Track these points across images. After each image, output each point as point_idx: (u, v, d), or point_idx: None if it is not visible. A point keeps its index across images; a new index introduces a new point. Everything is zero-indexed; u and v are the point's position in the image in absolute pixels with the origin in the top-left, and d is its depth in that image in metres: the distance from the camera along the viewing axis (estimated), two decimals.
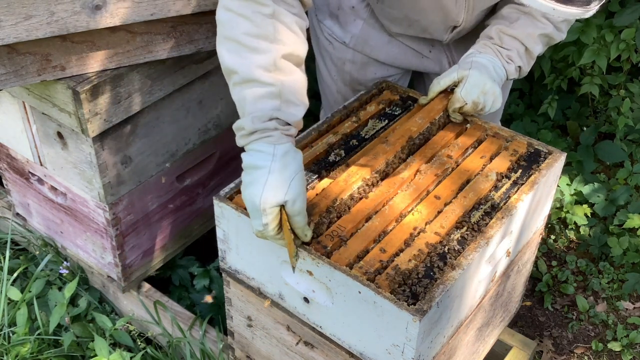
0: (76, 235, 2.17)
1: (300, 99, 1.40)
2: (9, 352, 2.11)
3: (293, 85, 1.38)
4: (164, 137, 2.00)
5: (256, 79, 1.35)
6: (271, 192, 1.32)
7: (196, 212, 2.28)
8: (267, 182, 1.32)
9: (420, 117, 1.74)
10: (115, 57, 1.75)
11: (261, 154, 1.35)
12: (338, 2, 1.93)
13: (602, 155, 3.04)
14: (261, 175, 1.33)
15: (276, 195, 1.32)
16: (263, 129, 1.35)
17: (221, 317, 2.19)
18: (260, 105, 1.36)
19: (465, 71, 1.70)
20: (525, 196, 1.55)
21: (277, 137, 1.35)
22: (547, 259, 2.80)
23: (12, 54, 1.63)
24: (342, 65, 2.03)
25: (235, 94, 1.40)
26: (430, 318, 1.29)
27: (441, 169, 1.61)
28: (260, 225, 1.35)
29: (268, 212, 1.33)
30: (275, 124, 1.35)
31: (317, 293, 1.42)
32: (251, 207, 1.35)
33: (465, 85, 1.69)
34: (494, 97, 1.71)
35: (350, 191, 1.53)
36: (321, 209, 1.47)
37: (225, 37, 1.39)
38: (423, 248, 1.41)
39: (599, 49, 2.76)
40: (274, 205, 1.32)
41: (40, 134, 1.95)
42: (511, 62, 1.74)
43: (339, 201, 1.50)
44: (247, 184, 1.36)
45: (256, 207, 1.33)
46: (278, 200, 1.32)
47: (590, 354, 2.48)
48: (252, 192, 1.34)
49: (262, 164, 1.34)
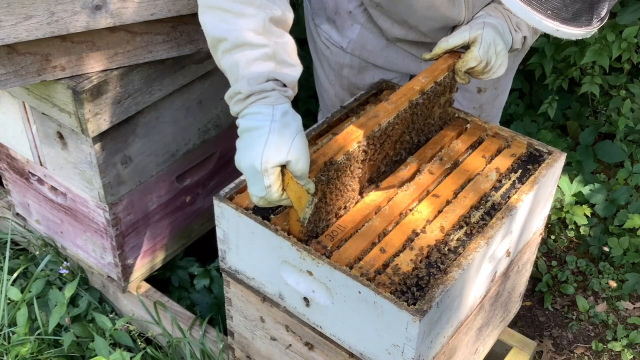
0: (76, 235, 2.17)
1: (295, 59, 1.37)
2: (9, 352, 2.11)
3: (286, 46, 1.35)
4: (164, 137, 2.00)
5: (248, 42, 1.32)
6: (273, 151, 1.27)
7: (196, 212, 2.28)
8: (268, 141, 1.27)
9: (423, 76, 1.65)
10: (115, 57, 1.75)
11: (260, 115, 1.31)
12: (335, 7, 1.93)
13: (601, 155, 3.05)
14: (261, 135, 1.28)
15: (278, 154, 1.27)
16: (260, 91, 1.31)
17: (221, 317, 2.19)
18: (255, 68, 1.32)
19: (478, 30, 1.64)
20: (525, 196, 1.55)
21: (275, 98, 1.32)
22: (547, 259, 2.80)
23: (12, 54, 1.63)
24: (340, 69, 2.03)
25: (225, 61, 1.35)
26: (430, 318, 1.29)
27: (441, 169, 1.61)
28: (262, 190, 1.29)
29: (270, 172, 1.28)
30: (272, 85, 1.32)
31: (317, 293, 1.42)
32: (251, 171, 1.29)
33: (482, 44, 1.63)
34: (502, 61, 1.66)
35: (351, 148, 1.46)
36: (319, 166, 1.39)
37: (207, 6, 1.35)
38: (423, 248, 1.41)
39: (600, 48, 2.77)
40: (276, 165, 1.27)
41: (40, 134, 1.95)
42: (519, 30, 1.70)
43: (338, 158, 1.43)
44: (245, 147, 1.30)
45: (256, 170, 1.28)
46: (280, 160, 1.27)
47: (590, 354, 2.48)
48: (251, 154, 1.28)
49: (261, 124, 1.29)
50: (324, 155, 1.42)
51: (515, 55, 1.99)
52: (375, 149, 1.53)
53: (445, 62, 1.68)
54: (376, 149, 1.53)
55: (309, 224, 1.39)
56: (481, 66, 1.65)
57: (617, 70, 3.03)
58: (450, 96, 1.73)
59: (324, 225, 1.46)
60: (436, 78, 1.65)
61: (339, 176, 1.44)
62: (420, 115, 1.64)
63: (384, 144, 1.55)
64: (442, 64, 1.68)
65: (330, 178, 1.41)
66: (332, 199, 1.45)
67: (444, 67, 1.67)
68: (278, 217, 1.46)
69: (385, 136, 1.55)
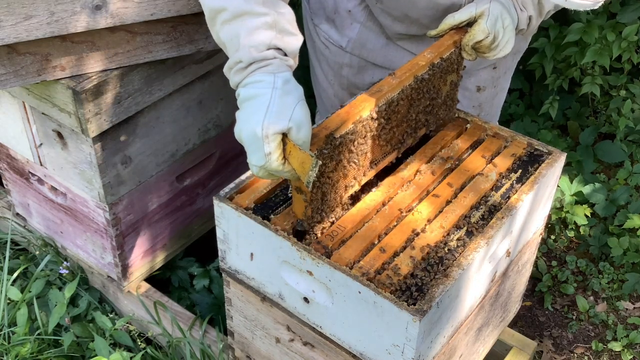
0: (76, 235, 2.17)
1: (296, 29, 1.36)
2: (9, 352, 2.11)
3: (287, 16, 1.34)
4: (164, 137, 2.00)
5: (248, 11, 1.31)
6: (274, 118, 1.25)
7: (196, 212, 2.28)
8: (269, 108, 1.26)
9: (429, 52, 1.61)
10: (115, 57, 1.75)
11: (261, 83, 1.30)
12: (334, 6, 1.92)
13: (601, 155, 3.05)
14: (262, 103, 1.27)
15: (280, 120, 1.25)
16: (262, 59, 1.30)
17: (221, 317, 2.19)
18: (257, 36, 1.31)
19: (485, 5, 1.62)
20: (525, 196, 1.55)
21: (276, 66, 1.31)
22: (547, 259, 2.80)
23: (12, 54, 1.63)
24: (339, 69, 2.03)
25: (225, 32, 1.34)
26: (430, 318, 1.29)
27: (441, 169, 1.61)
28: (262, 158, 1.27)
29: (271, 139, 1.25)
30: (273, 53, 1.31)
31: (317, 293, 1.42)
32: (251, 138, 1.27)
33: (489, 17, 1.61)
34: (509, 37, 1.64)
35: (354, 123, 1.42)
36: (321, 139, 1.36)
37: None
38: (423, 248, 1.41)
39: (601, 48, 2.77)
40: (278, 132, 1.26)
41: (40, 134, 1.95)
42: (524, 9, 1.68)
43: (341, 132, 1.40)
44: (246, 116, 1.29)
45: (257, 137, 1.26)
46: (282, 126, 1.25)
47: (590, 354, 2.48)
48: (252, 122, 1.26)
49: (262, 92, 1.28)
50: (325, 128, 1.39)
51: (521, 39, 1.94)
52: (380, 124, 1.49)
53: (451, 37, 1.65)
54: (381, 125, 1.49)
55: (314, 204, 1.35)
56: (489, 40, 1.63)
57: (618, 70, 3.03)
58: (457, 76, 1.70)
59: (327, 207, 1.44)
60: (442, 54, 1.62)
61: (342, 151, 1.41)
62: (426, 92, 1.60)
63: (390, 120, 1.51)
64: (448, 39, 1.65)
65: (332, 153, 1.37)
66: (334, 178, 1.42)
67: (449, 43, 1.64)
68: (278, 217, 1.46)
69: (391, 111, 1.51)
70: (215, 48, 1.88)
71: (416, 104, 1.60)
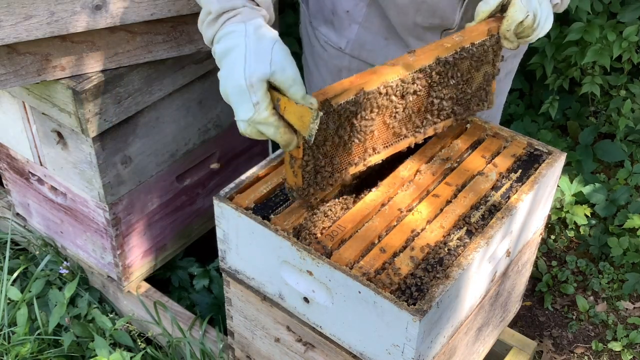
0: (76, 235, 2.17)
1: None
2: (9, 352, 2.11)
3: None
4: (164, 137, 2.00)
5: None
6: (254, 65, 1.23)
7: (196, 212, 2.28)
8: (247, 57, 1.24)
9: (458, 35, 1.50)
10: (115, 57, 1.75)
11: (233, 34, 1.28)
12: (332, 8, 1.91)
13: (601, 154, 3.05)
14: (239, 54, 1.25)
15: (261, 65, 1.23)
16: (230, 8, 1.30)
17: (221, 317, 2.19)
18: None
19: None
20: (525, 196, 1.55)
21: (246, 14, 1.30)
22: (547, 259, 2.80)
23: (12, 54, 1.63)
24: (338, 73, 2.02)
25: None
26: (430, 318, 1.29)
27: (441, 168, 1.61)
28: (250, 109, 1.24)
29: (257, 87, 1.23)
30: (243, 2, 1.31)
31: (317, 293, 1.42)
32: (237, 90, 1.24)
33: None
34: (547, 12, 1.52)
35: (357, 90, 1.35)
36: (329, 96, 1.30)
37: None
38: (423, 248, 1.41)
39: (601, 48, 2.77)
40: (262, 78, 1.23)
41: (40, 134, 1.95)
42: None
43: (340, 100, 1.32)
44: (226, 72, 1.27)
45: (242, 89, 1.23)
46: (264, 71, 1.23)
47: (590, 354, 2.48)
48: (234, 76, 1.24)
49: (236, 42, 1.26)
50: (323, 94, 1.31)
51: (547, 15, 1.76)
52: (391, 102, 1.41)
53: (486, 24, 1.53)
54: (393, 104, 1.41)
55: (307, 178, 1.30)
56: (530, 19, 1.50)
57: (618, 70, 3.03)
58: (493, 69, 1.60)
59: (322, 182, 1.40)
60: (474, 39, 1.51)
61: (342, 124, 1.34)
62: (451, 77, 1.51)
63: (405, 99, 1.44)
64: (482, 26, 1.52)
65: (327, 121, 1.29)
66: (329, 149, 1.37)
67: (483, 30, 1.52)
68: (278, 217, 1.46)
69: (405, 91, 1.41)
70: None
71: (438, 88, 1.51)
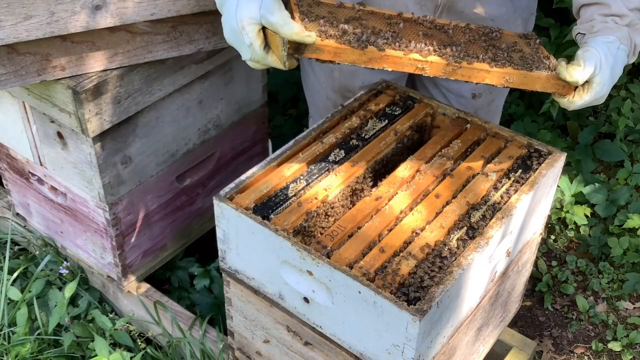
0: (76, 235, 2.17)
1: None
2: (9, 352, 2.11)
3: None
4: (164, 137, 2.00)
5: None
6: (244, 9, 1.32)
7: (196, 212, 2.28)
8: (239, 2, 1.33)
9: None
10: (115, 57, 1.75)
11: None
12: None
13: (601, 154, 3.05)
14: (232, 1, 1.34)
15: (249, 9, 1.32)
16: None
17: (221, 317, 2.19)
18: None
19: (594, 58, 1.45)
20: (525, 196, 1.55)
21: None
22: (547, 259, 2.80)
23: (12, 54, 1.63)
24: (331, 72, 2.03)
25: None
26: (430, 318, 1.29)
27: (441, 169, 1.61)
28: (247, 50, 1.34)
29: (248, 29, 1.33)
30: None
31: (317, 293, 1.42)
32: (233, 35, 1.35)
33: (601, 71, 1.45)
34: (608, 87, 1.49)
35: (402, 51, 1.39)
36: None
37: None
38: (423, 248, 1.41)
39: None
40: (251, 21, 1.32)
41: (40, 134, 1.95)
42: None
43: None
44: (224, 18, 1.36)
45: (236, 32, 1.34)
46: (252, 14, 1.32)
47: (590, 354, 2.48)
48: (229, 20, 1.34)
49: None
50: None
51: None
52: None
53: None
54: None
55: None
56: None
57: None
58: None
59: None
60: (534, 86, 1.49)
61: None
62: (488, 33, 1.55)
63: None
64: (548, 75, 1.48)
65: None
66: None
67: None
68: (278, 217, 1.46)
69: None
70: (215, 48, 1.88)
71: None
